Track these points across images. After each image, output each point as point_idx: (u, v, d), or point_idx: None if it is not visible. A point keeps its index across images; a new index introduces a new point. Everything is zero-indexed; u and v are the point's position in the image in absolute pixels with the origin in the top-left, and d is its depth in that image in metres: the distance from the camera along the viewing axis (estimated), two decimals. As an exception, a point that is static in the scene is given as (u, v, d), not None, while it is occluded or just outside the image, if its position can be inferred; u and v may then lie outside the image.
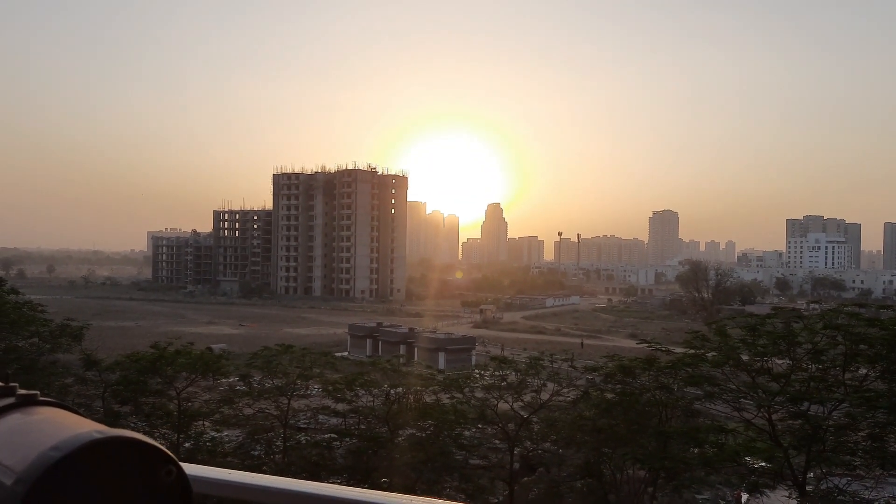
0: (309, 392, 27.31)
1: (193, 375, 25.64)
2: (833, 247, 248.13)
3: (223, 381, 27.54)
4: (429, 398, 25.88)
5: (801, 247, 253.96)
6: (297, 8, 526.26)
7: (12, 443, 0.82)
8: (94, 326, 33.93)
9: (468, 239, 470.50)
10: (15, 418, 0.89)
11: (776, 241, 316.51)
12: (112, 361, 26.62)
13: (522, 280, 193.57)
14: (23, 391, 0.94)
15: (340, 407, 25.48)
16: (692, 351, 21.11)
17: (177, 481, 0.82)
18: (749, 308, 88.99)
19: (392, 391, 26.20)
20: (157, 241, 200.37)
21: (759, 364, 19.93)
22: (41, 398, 0.93)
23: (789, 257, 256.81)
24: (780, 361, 20.31)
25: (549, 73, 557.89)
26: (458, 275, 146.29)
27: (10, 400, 0.92)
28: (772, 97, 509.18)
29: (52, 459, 0.76)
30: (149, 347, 26.30)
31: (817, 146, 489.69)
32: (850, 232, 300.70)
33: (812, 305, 27.47)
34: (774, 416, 18.81)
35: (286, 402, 24.87)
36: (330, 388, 25.66)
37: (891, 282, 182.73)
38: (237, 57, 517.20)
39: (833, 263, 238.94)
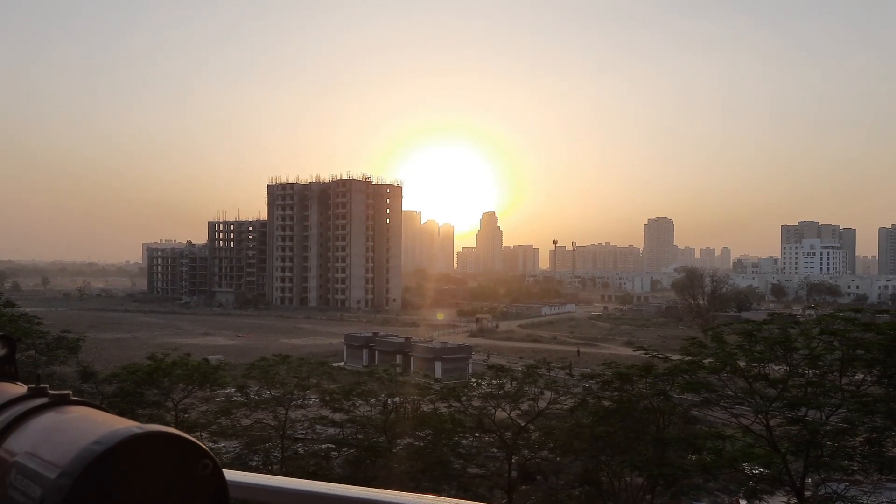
0: (306, 402, 27.28)
1: (190, 387, 25.69)
2: (828, 252, 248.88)
3: (220, 391, 27.53)
4: (426, 407, 25.86)
5: (797, 253, 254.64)
6: (292, 20, 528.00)
7: (52, 440, 0.84)
8: (90, 338, 33.91)
9: (463, 248, 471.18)
10: (50, 417, 0.91)
11: (771, 247, 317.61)
12: (109, 373, 26.64)
13: (518, 289, 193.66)
14: (54, 391, 0.96)
15: (338, 417, 25.47)
16: (689, 357, 21.13)
17: (213, 475, 0.84)
18: (745, 314, 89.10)
19: (389, 400, 26.19)
20: (152, 252, 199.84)
21: (756, 370, 19.95)
22: (73, 398, 0.96)
23: (784, 263, 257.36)
24: (777, 367, 20.33)
25: (542, 82, 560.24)
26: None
27: (44, 399, 0.95)
28: (765, 103, 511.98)
29: (95, 453, 0.77)
30: (146, 359, 26.37)
31: (811, 151, 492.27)
32: (845, 237, 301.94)
33: (808, 311, 27.61)
34: (772, 422, 18.81)
35: (284, 412, 24.85)
36: (327, 397, 25.68)
37: (886, 287, 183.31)
38: (232, 68, 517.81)
39: (828, 269, 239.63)
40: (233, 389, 27.01)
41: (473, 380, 29.09)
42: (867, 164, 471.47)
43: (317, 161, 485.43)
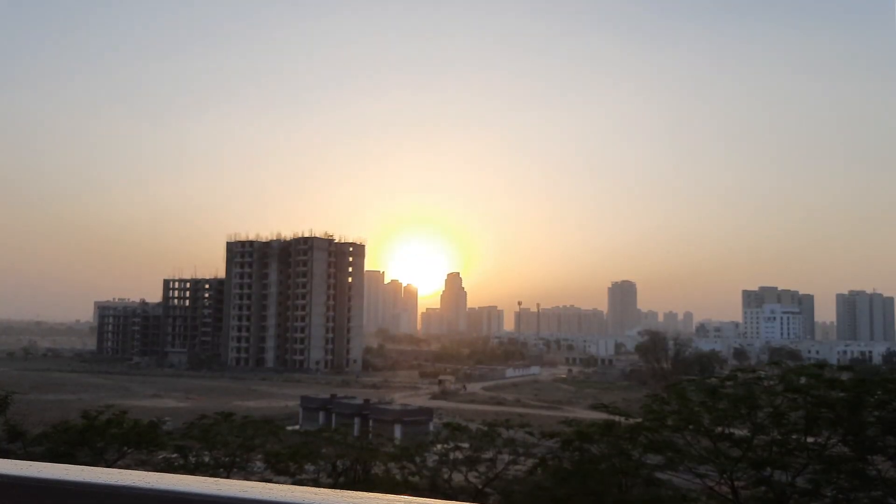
0: (251, 466, 25.65)
1: (126, 447, 24.10)
2: (788, 317, 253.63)
3: (160, 453, 25.84)
4: (378, 469, 24.50)
5: (757, 317, 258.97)
6: (257, 70, 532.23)
7: None
8: (32, 399, 32.04)
9: (427, 309, 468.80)
10: None
11: (733, 311, 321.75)
12: (39, 433, 25.04)
13: (482, 350, 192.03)
14: None
15: (282, 481, 23.86)
16: (652, 414, 20.36)
17: None
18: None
19: (339, 463, 24.79)
20: (103, 310, 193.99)
21: (720, 429, 19.27)
22: None
23: (746, 328, 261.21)
24: (740, 427, 19.69)
25: (503, 146, 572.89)
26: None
27: None
28: (725, 172, 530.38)
29: None
30: (80, 417, 24.86)
31: (771, 218, 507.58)
32: (804, 303, 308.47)
33: (771, 367, 27.27)
34: (737, 483, 18.02)
35: (225, 475, 23.19)
36: (272, 459, 24.20)
37: (845, 352, 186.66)
38: (190, 116, 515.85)
39: (788, 334, 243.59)
40: (173, 454, 25.34)
41: (430, 439, 27.81)
42: (825, 231, 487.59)
43: (278, 218, 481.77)
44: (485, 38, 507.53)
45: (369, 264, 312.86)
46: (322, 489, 1.63)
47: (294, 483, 23.15)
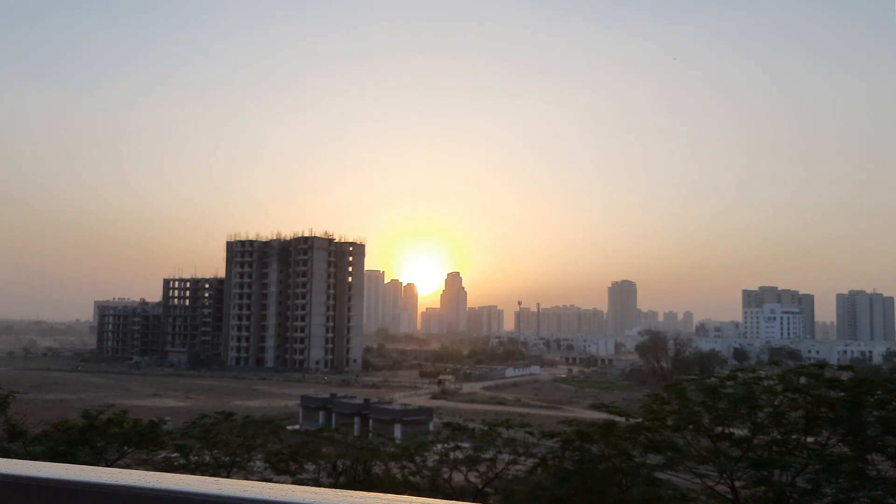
0: (251, 465, 25.68)
1: (126, 447, 24.13)
2: (788, 317, 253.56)
3: (160, 453, 25.87)
4: (378, 469, 24.52)
5: (758, 317, 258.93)
6: (258, 67, 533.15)
7: None
8: (32, 399, 32.07)
9: (427, 308, 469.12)
10: None
11: (733, 311, 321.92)
12: (39, 432, 25.10)
13: (482, 350, 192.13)
14: None
15: (283, 480, 23.88)
16: (652, 414, 20.38)
17: None
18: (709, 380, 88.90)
19: (339, 462, 24.80)
20: (103, 310, 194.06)
21: (720, 429, 19.27)
22: None
23: (746, 328, 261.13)
24: (740, 427, 19.69)
25: (509, 146, 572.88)
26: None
27: None
28: (725, 171, 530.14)
29: None
30: (80, 416, 24.89)
31: (771, 218, 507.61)
32: (804, 303, 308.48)
33: (771, 367, 27.31)
34: (737, 483, 18.04)
35: (225, 475, 23.21)
36: (273, 459, 24.20)
37: (845, 352, 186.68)
38: (188, 122, 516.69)
39: (788, 334, 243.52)
40: (173, 453, 25.36)
41: (430, 439, 27.87)
42: (825, 231, 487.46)
43: (278, 217, 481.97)
44: (486, 36, 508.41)
45: (369, 264, 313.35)
46: (322, 489, 1.62)
47: (294, 483, 23.21)
